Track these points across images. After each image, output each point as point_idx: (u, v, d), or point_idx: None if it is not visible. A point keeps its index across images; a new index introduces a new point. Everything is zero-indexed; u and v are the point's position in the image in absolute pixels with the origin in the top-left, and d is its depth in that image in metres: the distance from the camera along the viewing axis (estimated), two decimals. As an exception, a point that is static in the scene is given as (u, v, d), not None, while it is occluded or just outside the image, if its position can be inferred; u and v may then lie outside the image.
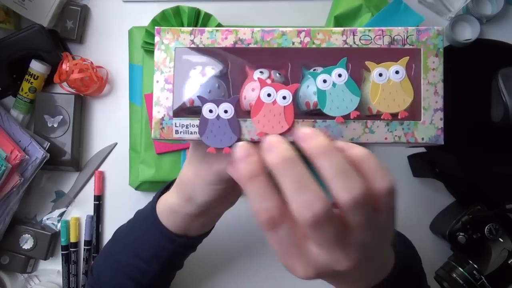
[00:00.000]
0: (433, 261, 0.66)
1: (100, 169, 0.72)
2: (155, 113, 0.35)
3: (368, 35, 0.34)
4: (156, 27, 0.36)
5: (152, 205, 0.48)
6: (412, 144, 0.35)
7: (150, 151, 0.66)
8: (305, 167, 0.30)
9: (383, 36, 0.34)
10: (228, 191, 0.42)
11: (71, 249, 0.70)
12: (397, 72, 0.34)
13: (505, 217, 0.62)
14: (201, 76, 0.35)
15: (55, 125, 0.68)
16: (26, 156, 0.64)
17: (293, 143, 0.32)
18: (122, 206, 0.71)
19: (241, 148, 0.31)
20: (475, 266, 0.61)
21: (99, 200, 0.71)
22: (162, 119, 0.35)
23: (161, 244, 0.47)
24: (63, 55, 0.69)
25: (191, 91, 0.35)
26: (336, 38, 0.34)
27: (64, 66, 0.68)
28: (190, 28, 0.35)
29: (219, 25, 0.64)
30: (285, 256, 0.31)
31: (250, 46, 0.35)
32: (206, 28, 0.35)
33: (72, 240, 0.70)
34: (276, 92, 0.34)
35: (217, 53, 0.35)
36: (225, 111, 0.34)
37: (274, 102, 0.34)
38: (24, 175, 0.64)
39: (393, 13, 0.61)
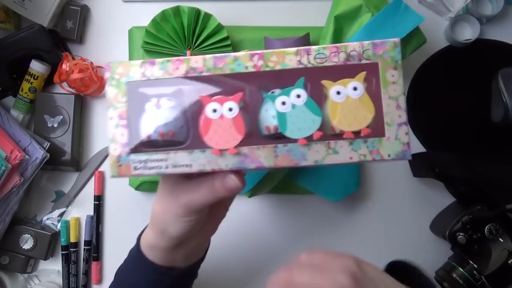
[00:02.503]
0: (433, 261, 0.66)
1: (100, 169, 0.72)
2: (111, 150, 0.34)
3: (322, 53, 0.33)
4: (107, 63, 0.35)
5: (137, 242, 0.47)
6: (378, 161, 0.34)
7: (150, 151, 0.66)
8: None
9: (338, 53, 0.34)
10: (202, 222, 0.41)
11: (71, 249, 0.70)
12: (355, 88, 0.33)
13: (505, 217, 0.62)
14: (156, 108, 0.34)
15: (55, 125, 0.68)
16: (26, 156, 0.64)
17: None
18: (122, 206, 0.71)
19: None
20: (475, 266, 0.61)
21: (99, 200, 0.71)
22: (119, 156, 0.34)
23: (157, 279, 0.45)
24: (63, 55, 0.69)
25: (147, 125, 0.34)
26: (290, 59, 0.34)
27: (64, 66, 0.68)
28: (140, 61, 0.35)
29: (219, 25, 0.64)
30: None
31: (203, 74, 0.34)
32: (157, 60, 0.34)
33: (72, 240, 0.70)
34: (221, 105, 0.33)
35: (171, 83, 0.34)
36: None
37: (222, 116, 0.33)
38: (24, 175, 0.64)
39: (393, 13, 0.61)
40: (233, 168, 0.34)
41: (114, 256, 0.71)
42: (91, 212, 0.71)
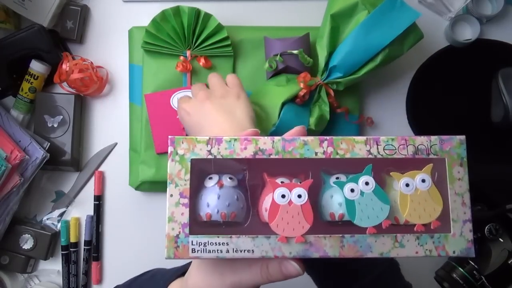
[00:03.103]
0: (433, 261, 0.66)
1: (100, 169, 0.72)
2: (169, 230, 0.32)
3: (391, 145, 0.34)
4: (170, 137, 0.33)
5: None
6: (443, 257, 0.34)
7: (150, 151, 0.66)
8: None
9: (407, 146, 0.34)
10: None
11: (71, 249, 0.70)
12: (423, 180, 0.33)
13: (505, 217, 0.62)
14: (218, 187, 0.33)
15: (55, 125, 0.68)
16: (26, 156, 0.64)
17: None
18: (122, 206, 0.71)
19: None
20: (475, 266, 0.61)
21: (99, 200, 0.70)
22: (177, 236, 0.32)
23: None
24: (63, 55, 0.69)
25: (208, 204, 0.33)
26: (360, 148, 0.33)
27: (64, 66, 0.68)
28: (206, 138, 0.33)
29: (219, 25, 0.64)
30: None
31: (272, 157, 0.33)
32: (224, 138, 0.33)
33: (72, 240, 0.70)
34: (290, 191, 0.32)
35: (234, 161, 0.33)
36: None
37: (290, 202, 0.32)
38: (24, 175, 0.64)
39: (389, 9, 0.61)
40: (297, 256, 0.33)
41: (114, 256, 0.71)
42: (91, 212, 0.71)
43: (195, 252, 0.33)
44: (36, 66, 0.68)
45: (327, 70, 0.63)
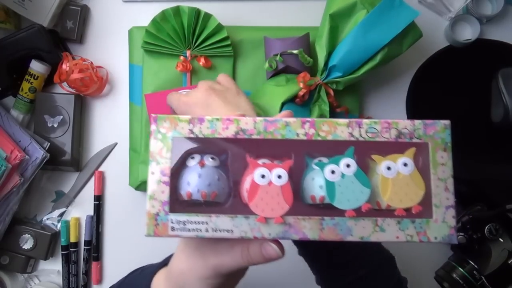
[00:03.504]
0: (433, 261, 0.66)
1: (100, 169, 0.72)
2: (149, 207, 0.33)
3: (374, 128, 0.33)
4: (152, 115, 0.34)
5: (147, 285, 0.44)
6: (425, 243, 0.34)
7: (150, 151, 0.66)
8: None
9: (390, 129, 0.33)
10: (224, 284, 0.38)
11: (71, 249, 0.70)
12: (405, 164, 0.33)
13: (505, 217, 0.62)
14: (199, 167, 0.33)
15: (55, 125, 0.68)
16: (26, 156, 0.64)
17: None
18: (122, 206, 0.71)
19: None
20: (475, 266, 0.61)
21: (99, 200, 0.71)
22: (157, 214, 0.33)
23: None
24: (63, 55, 0.69)
25: (189, 183, 0.33)
26: (342, 130, 0.33)
27: (64, 66, 0.68)
28: (188, 117, 0.34)
29: (219, 25, 0.64)
30: None
31: (253, 137, 0.33)
32: (206, 117, 0.33)
33: (72, 240, 0.70)
34: (270, 172, 0.32)
35: (217, 141, 0.33)
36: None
37: (270, 183, 0.32)
38: (24, 175, 0.64)
39: (388, 8, 0.61)
40: (276, 238, 0.33)
41: (114, 256, 0.71)
42: (91, 212, 0.71)
43: (174, 230, 0.33)
44: (36, 66, 0.68)
45: (327, 70, 0.63)
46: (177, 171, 0.33)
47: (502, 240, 0.61)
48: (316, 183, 0.33)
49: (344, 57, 0.61)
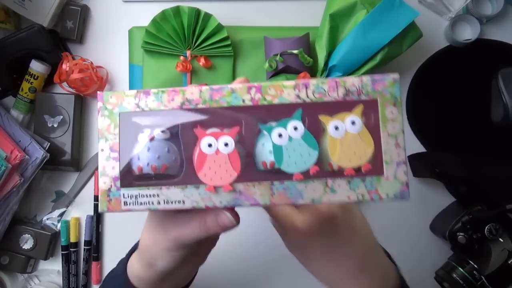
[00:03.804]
0: (433, 261, 0.66)
1: (100, 169, 0.72)
2: (101, 184, 0.33)
3: (321, 88, 0.32)
4: (98, 92, 0.33)
5: (123, 269, 0.45)
6: (376, 201, 0.33)
7: (150, 151, 0.66)
8: None
9: (337, 88, 0.32)
10: (191, 254, 0.40)
11: (71, 249, 0.70)
12: (353, 122, 0.32)
13: (505, 217, 0.62)
14: (149, 140, 0.33)
15: (55, 125, 0.68)
16: (26, 156, 0.64)
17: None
18: (122, 206, 0.71)
19: None
20: (475, 266, 0.61)
21: (99, 200, 0.70)
22: (109, 190, 0.33)
23: None
24: (63, 55, 0.69)
25: (139, 158, 0.33)
26: (289, 93, 0.32)
27: (64, 66, 0.68)
28: (134, 91, 0.33)
29: (219, 25, 0.64)
30: None
31: (199, 106, 0.33)
32: (151, 90, 0.33)
33: (72, 240, 0.70)
34: (217, 140, 0.32)
35: (166, 114, 0.33)
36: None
37: (217, 151, 0.32)
38: (24, 175, 0.64)
39: (388, 8, 0.61)
40: (228, 206, 0.33)
41: (114, 256, 0.71)
42: (91, 212, 0.71)
43: (127, 205, 0.33)
44: (36, 66, 0.68)
45: (327, 70, 0.63)
46: (129, 146, 0.33)
47: (502, 240, 0.61)
48: (266, 149, 0.33)
49: (344, 57, 0.61)
